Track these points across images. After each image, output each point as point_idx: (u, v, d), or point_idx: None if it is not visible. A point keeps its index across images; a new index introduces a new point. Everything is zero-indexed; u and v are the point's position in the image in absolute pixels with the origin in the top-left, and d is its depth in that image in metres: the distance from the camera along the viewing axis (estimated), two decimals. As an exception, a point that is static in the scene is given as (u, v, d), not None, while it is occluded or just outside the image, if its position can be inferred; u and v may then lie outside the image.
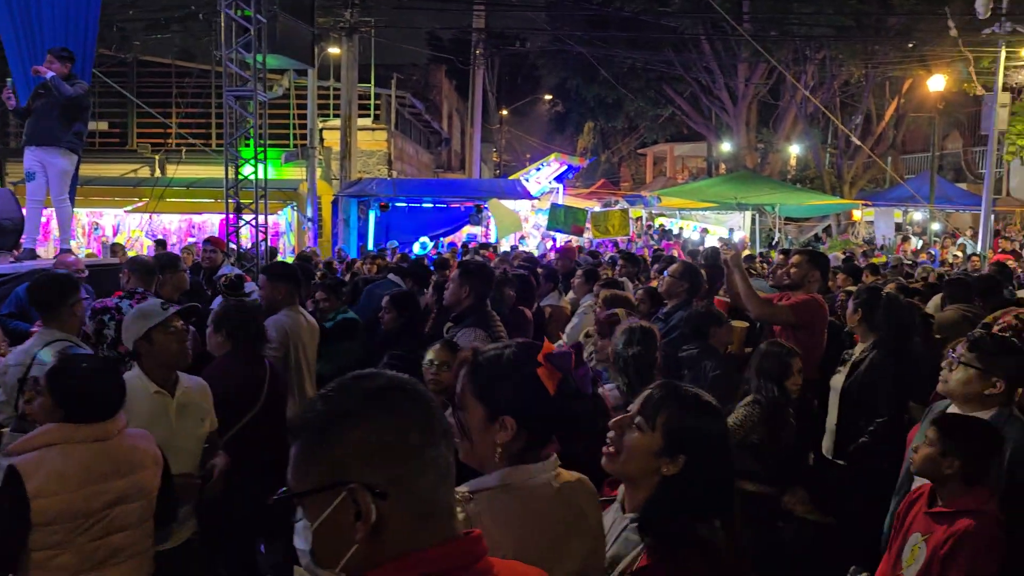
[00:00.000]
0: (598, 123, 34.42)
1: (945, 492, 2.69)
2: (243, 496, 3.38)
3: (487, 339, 4.33)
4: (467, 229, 18.57)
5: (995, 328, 3.61)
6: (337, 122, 18.75)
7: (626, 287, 6.36)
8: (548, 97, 37.55)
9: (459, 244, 16.60)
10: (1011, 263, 11.06)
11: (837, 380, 4.47)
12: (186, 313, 3.41)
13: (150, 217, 15.71)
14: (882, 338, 4.39)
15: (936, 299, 5.87)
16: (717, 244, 17.43)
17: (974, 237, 19.28)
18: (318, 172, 17.42)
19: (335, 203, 17.70)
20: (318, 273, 8.13)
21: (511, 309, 5.54)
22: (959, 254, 17.57)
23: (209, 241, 7.60)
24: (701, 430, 1.95)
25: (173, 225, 16.61)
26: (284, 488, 1.19)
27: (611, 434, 1.98)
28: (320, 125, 18.51)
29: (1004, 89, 16.95)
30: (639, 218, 22.39)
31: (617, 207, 20.48)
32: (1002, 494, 2.70)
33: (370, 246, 16.85)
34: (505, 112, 40.92)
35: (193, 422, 3.31)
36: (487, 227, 17.94)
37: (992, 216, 18.86)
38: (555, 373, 1.73)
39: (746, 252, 12.66)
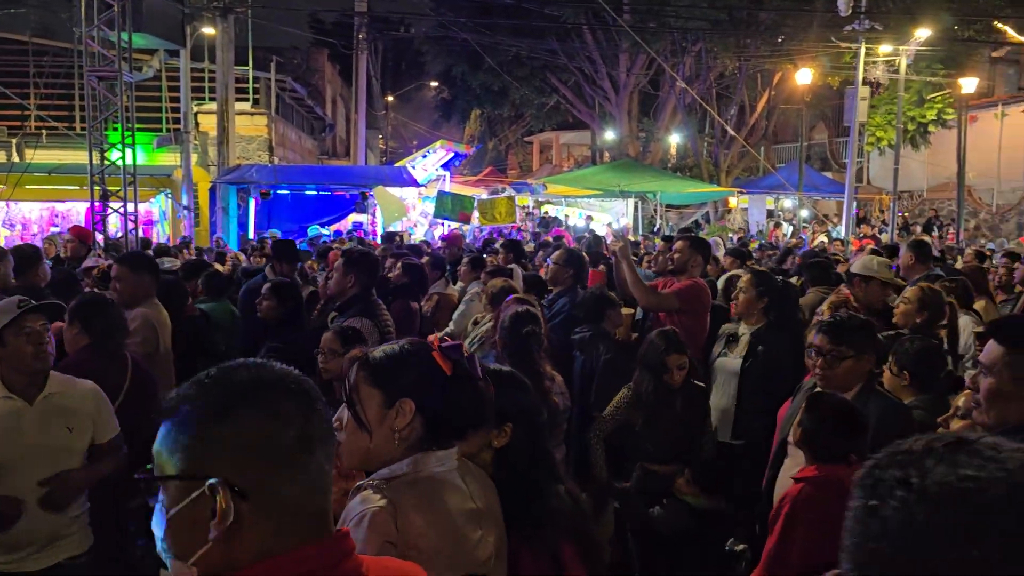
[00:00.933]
0: (485, 111, 34.36)
1: (806, 461, 2.85)
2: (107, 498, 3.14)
3: (373, 328, 4.26)
4: (352, 217, 18.22)
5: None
6: (213, 106, 17.98)
7: (515, 274, 6.38)
8: (434, 84, 37.17)
9: (344, 232, 16.27)
10: (870, 247, 11.77)
11: (732, 363, 4.53)
12: (50, 311, 3.08)
13: (7, 205, 14.67)
14: (773, 321, 4.52)
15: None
16: (605, 231, 17.81)
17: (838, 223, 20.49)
18: (193, 158, 16.66)
19: (212, 190, 16.98)
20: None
21: (397, 301, 5.47)
22: (825, 239, 18.62)
23: (69, 231, 7.14)
24: (518, 400, 2.15)
25: (34, 214, 15.56)
26: (149, 465, 1.12)
27: None
28: (195, 109, 17.72)
29: (864, 83, 17.98)
30: (525, 205, 22.58)
31: (504, 194, 20.56)
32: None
33: (250, 235, 16.27)
34: (391, 98, 40.36)
35: (58, 432, 2.92)
36: (373, 215, 17.66)
37: (855, 203, 20.06)
38: (448, 360, 1.76)
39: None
